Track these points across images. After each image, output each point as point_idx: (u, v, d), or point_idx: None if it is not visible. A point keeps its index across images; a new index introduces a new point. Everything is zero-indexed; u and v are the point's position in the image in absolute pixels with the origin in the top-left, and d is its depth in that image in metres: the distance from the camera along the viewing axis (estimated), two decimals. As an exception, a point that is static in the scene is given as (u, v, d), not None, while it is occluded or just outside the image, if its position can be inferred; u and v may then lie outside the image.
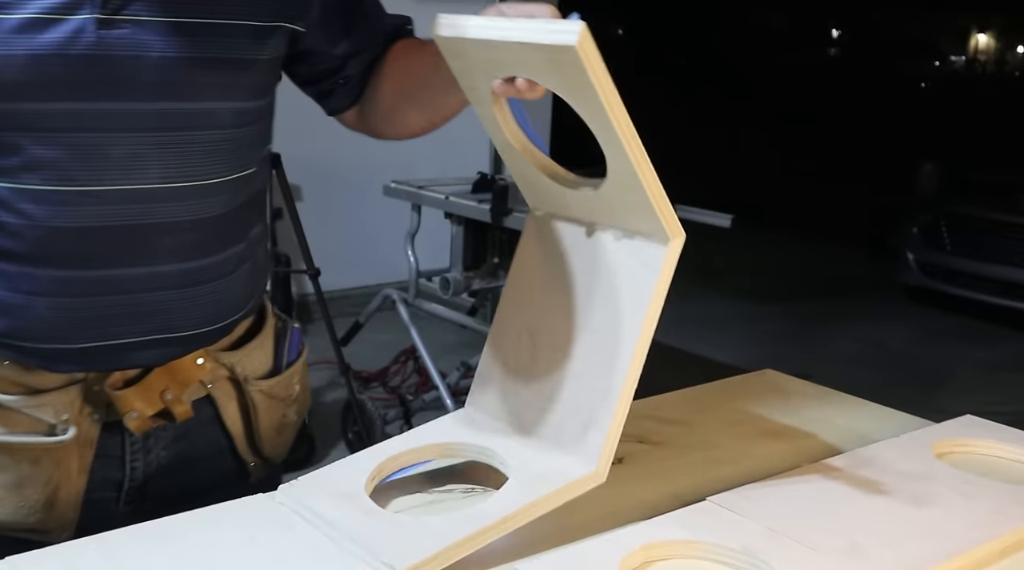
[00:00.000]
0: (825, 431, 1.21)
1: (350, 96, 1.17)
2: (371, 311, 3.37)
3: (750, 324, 5.22)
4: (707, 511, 0.95)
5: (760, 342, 4.87)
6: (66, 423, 1.01)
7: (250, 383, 1.11)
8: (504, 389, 0.99)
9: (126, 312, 1.00)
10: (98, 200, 0.94)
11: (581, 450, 0.90)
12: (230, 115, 1.02)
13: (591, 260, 0.91)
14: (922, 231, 5.64)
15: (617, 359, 0.87)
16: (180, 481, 1.09)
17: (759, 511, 0.95)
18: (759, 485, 1.01)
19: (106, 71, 0.92)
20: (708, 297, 5.57)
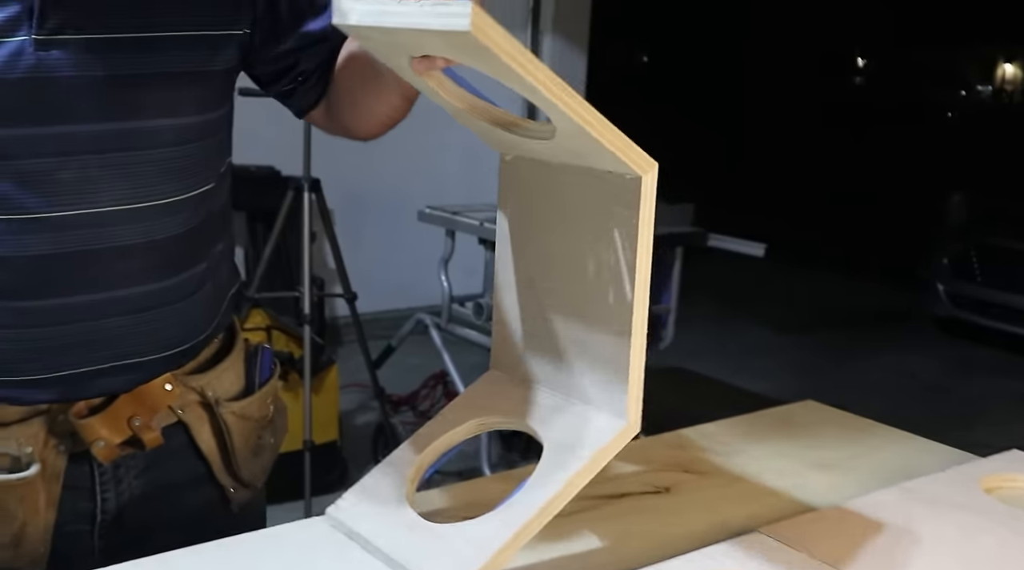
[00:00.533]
0: (870, 463, 1.21)
1: (312, 94, 1.12)
2: (403, 335, 3.38)
3: (780, 354, 5.19)
4: (758, 542, 0.95)
5: (790, 372, 4.85)
6: (30, 456, 0.97)
7: (222, 405, 1.08)
8: (520, 348, 0.95)
9: (84, 340, 0.97)
10: (47, 227, 0.92)
11: (608, 405, 0.86)
12: (179, 131, 0.98)
13: (570, 202, 0.87)
14: (952, 262, 5.61)
15: (621, 306, 0.83)
16: (157, 511, 1.06)
17: (810, 543, 0.95)
18: (809, 517, 1.01)
19: (47, 94, 0.89)
20: (738, 326, 5.55)
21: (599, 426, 0.86)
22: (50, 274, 0.93)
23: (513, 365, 0.96)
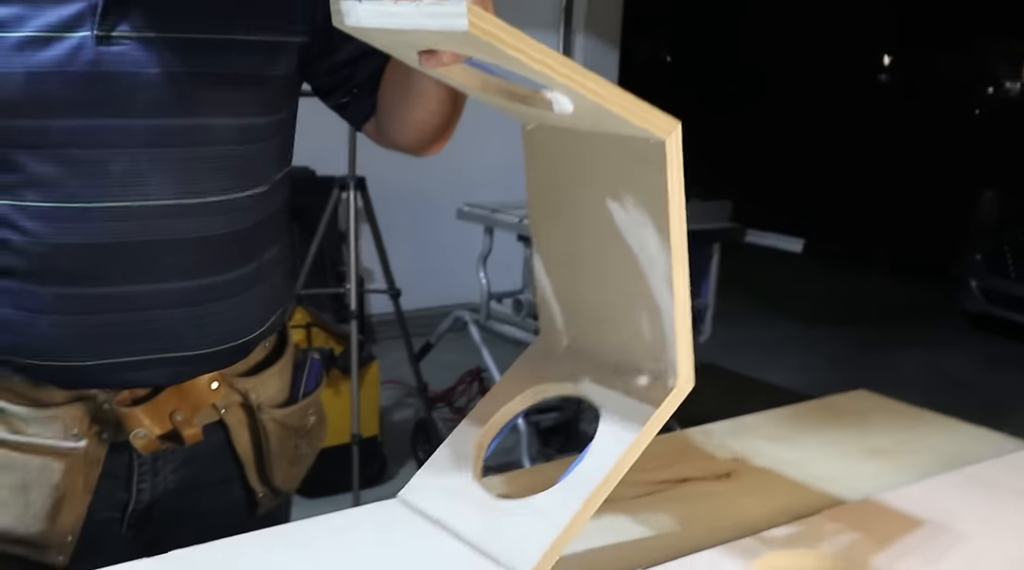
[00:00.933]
0: (924, 450, 1.23)
1: (366, 106, 1.14)
2: (442, 332, 3.42)
3: (813, 349, 5.19)
4: (823, 525, 0.98)
5: (823, 367, 4.85)
6: (76, 437, 0.99)
7: (264, 411, 1.09)
8: (565, 314, 0.96)
9: (130, 330, 0.99)
10: (100, 217, 0.94)
11: (659, 367, 0.86)
12: (235, 131, 1.00)
13: (597, 168, 0.86)
14: (985, 258, 5.59)
15: (660, 269, 0.83)
16: (185, 506, 1.08)
17: (872, 526, 0.97)
18: (872, 501, 1.03)
19: (104, 88, 0.92)
20: (772, 321, 5.56)
21: (653, 388, 0.86)
22: (100, 263, 0.95)
23: (560, 331, 0.97)
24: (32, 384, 0.99)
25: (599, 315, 0.91)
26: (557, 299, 0.96)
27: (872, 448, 1.23)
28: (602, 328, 0.91)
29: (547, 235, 0.95)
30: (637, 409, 0.86)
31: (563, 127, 0.86)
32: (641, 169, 0.79)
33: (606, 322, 0.91)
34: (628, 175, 0.82)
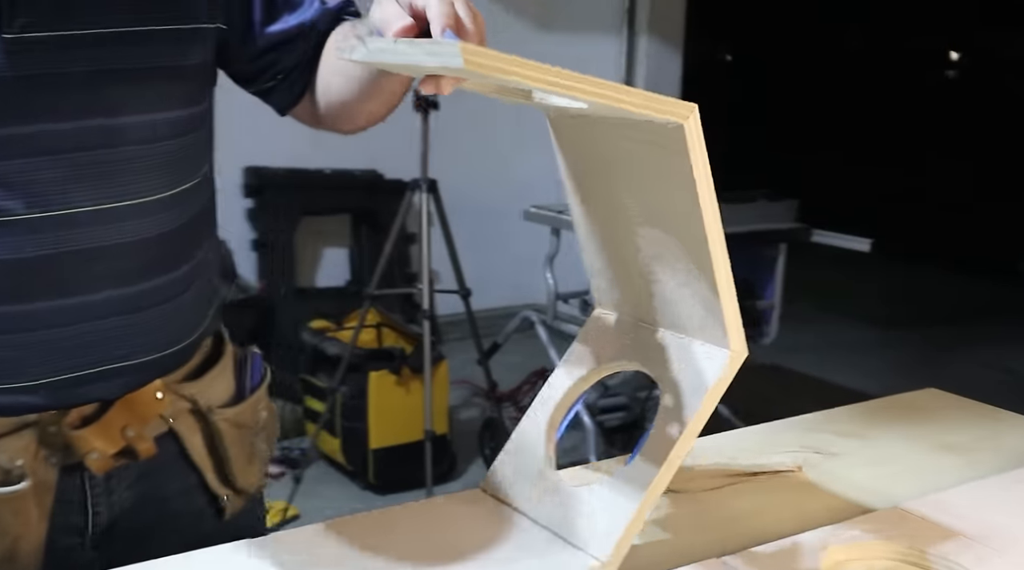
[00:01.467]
0: (998, 446, 1.23)
1: (293, 91, 1.09)
2: (509, 331, 3.46)
3: (879, 351, 5.13)
4: (899, 517, 1.00)
5: (890, 369, 4.80)
6: (21, 469, 0.94)
7: (214, 412, 1.06)
8: (615, 293, 0.98)
9: (71, 344, 0.94)
10: (28, 229, 0.89)
11: (710, 338, 0.89)
12: (157, 128, 0.96)
13: (625, 152, 0.88)
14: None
15: (698, 245, 0.85)
16: (149, 520, 1.04)
17: (950, 519, 0.99)
18: (947, 493, 1.05)
19: (21, 93, 0.87)
20: (836, 323, 5.51)
21: (707, 360, 0.89)
22: (31, 277, 0.91)
23: (614, 308, 0.99)
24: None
25: (651, 290, 0.93)
26: (606, 278, 0.98)
27: (944, 444, 1.24)
28: (655, 303, 0.94)
29: (587, 217, 0.97)
30: (696, 379, 0.88)
31: (585, 114, 0.88)
32: (665, 151, 0.82)
33: (658, 297, 0.93)
34: (655, 157, 0.84)
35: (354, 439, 3.08)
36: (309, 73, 1.08)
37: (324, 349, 3.20)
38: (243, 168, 4.07)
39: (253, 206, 4.12)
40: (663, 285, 0.91)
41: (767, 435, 1.27)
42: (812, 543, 0.94)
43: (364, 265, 4.34)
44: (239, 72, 1.08)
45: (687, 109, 0.79)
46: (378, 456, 3.06)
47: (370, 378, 3.02)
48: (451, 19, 0.80)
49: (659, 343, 0.93)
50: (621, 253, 0.95)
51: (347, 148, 4.16)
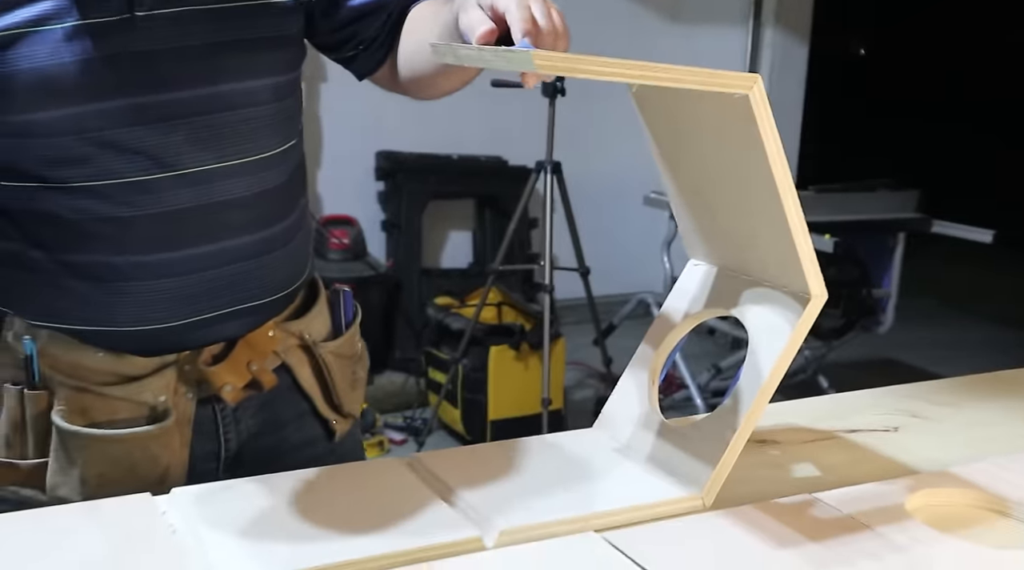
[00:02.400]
0: (1096, 421, 1.28)
1: (373, 60, 1.17)
2: (624, 314, 3.56)
3: (998, 349, 5.01)
4: (984, 471, 1.06)
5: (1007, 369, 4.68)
6: (165, 404, 1.05)
7: (319, 346, 1.16)
8: (706, 246, 1.07)
9: (206, 288, 1.06)
10: (168, 186, 1.00)
11: (793, 284, 0.97)
12: (271, 91, 1.07)
13: (701, 118, 0.96)
14: None
15: (772, 198, 0.93)
16: (270, 446, 1.16)
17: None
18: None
19: (149, 66, 0.97)
20: (958, 319, 5.40)
21: (791, 304, 0.97)
22: (172, 228, 1.02)
23: (705, 259, 1.09)
24: (116, 358, 1.04)
25: (737, 242, 1.02)
26: (697, 232, 1.08)
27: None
28: (742, 254, 1.03)
29: (674, 178, 1.06)
30: (781, 322, 0.97)
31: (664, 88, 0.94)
32: (736, 118, 0.90)
33: (744, 248, 1.02)
34: (728, 123, 0.92)
35: (474, 410, 3.23)
36: (389, 44, 1.16)
37: (448, 324, 3.36)
38: (376, 152, 4.26)
39: (384, 189, 4.31)
40: (746, 237, 1.01)
41: (866, 399, 1.34)
42: (900, 487, 1.02)
43: (486, 247, 4.49)
44: (323, 42, 1.17)
45: (751, 80, 0.88)
46: (496, 427, 3.21)
47: (491, 352, 3.17)
48: (528, 23, 0.87)
49: (746, 290, 1.03)
50: (707, 209, 1.04)
51: (474, 134, 4.32)
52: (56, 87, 0.95)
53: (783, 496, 1.00)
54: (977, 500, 1.01)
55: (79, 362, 1.04)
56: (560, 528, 0.91)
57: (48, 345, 1.04)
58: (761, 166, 0.92)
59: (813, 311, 0.97)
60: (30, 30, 0.94)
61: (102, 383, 1.04)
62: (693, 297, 1.09)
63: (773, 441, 1.17)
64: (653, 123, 1.04)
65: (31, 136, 0.97)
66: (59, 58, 0.94)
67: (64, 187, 0.99)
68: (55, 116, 0.96)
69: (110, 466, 1.03)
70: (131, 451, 1.04)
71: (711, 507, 0.97)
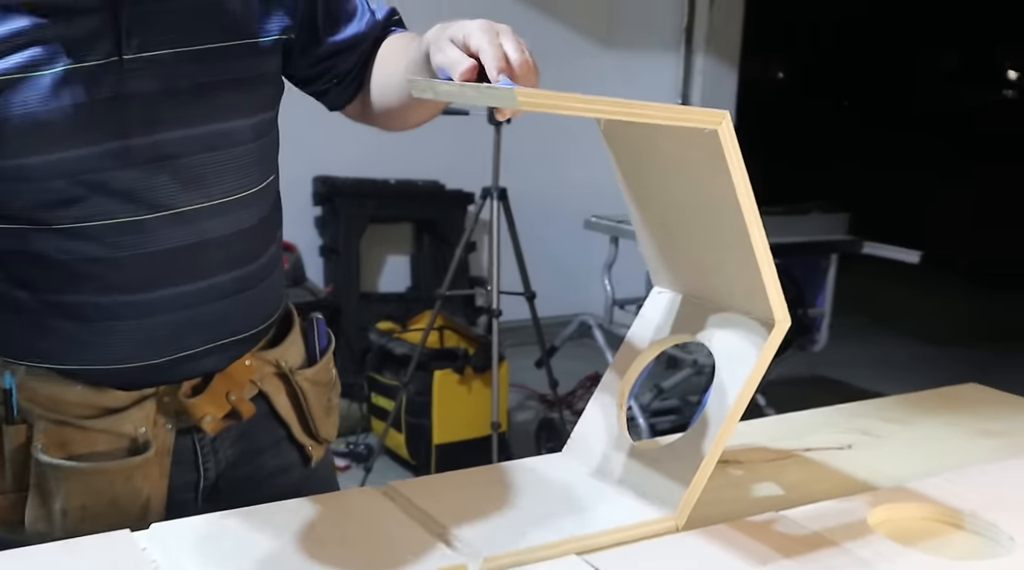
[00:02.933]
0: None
1: (347, 93, 1.21)
2: (567, 335, 3.60)
3: (927, 366, 5.18)
4: (937, 486, 1.11)
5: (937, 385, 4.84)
6: (145, 436, 1.06)
7: (295, 374, 1.19)
8: (670, 273, 1.11)
9: (190, 326, 1.08)
10: (156, 225, 1.02)
11: (757, 311, 1.01)
12: (253, 129, 1.09)
13: (668, 152, 0.99)
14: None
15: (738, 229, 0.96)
16: (247, 474, 1.17)
17: (982, 487, 1.10)
18: (980, 467, 1.17)
19: (141, 107, 0.99)
20: (888, 337, 5.56)
21: (756, 329, 1.01)
22: (158, 268, 1.04)
23: (670, 287, 1.12)
24: (97, 392, 1.05)
25: (703, 270, 1.06)
26: (662, 260, 1.11)
27: (983, 430, 1.35)
28: (707, 281, 1.06)
29: (641, 208, 1.09)
30: (747, 347, 1.01)
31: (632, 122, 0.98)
32: (706, 153, 0.94)
33: (710, 276, 1.05)
34: (695, 156, 0.96)
35: (418, 434, 3.23)
36: (361, 78, 1.20)
37: (391, 349, 3.36)
38: (313, 177, 4.25)
39: (321, 214, 4.30)
40: (712, 264, 1.04)
41: (818, 418, 1.39)
42: (861, 503, 1.06)
43: (424, 271, 4.50)
44: (298, 75, 1.20)
45: (719, 116, 0.91)
46: (441, 451, 3.21)
47: (435, 376, 3.18)
48: (502, 61, 0.90)
49: (711, 316, 1.06)
50: (672, 238, 1.08)
51: (411, 159, 4.33)
52: (49, 132, 0.96)
53: (750, 515, 1.03)
54: (933, 514, 1.06)
55: (58, 396, 1.04)
56: (543, 553, 0.93)
57: (27, 379, 1.04)
58: (728, 197, 0.96)
59: (777, 336, 1.00)
60: (21, 76, 0.95)
61: (82, 416, 1.04)
62: (658, 323, 1.12)
63: (735, 461, 1.21)
64: (621, 156, 1.07)
65: (24, 180, 0.98)
66: (51, 103, 0.96)
67: (54, 229, 1.00)
68: (48, 160, 0.97)
69: (92, 498, 1.03)
70: (113, 482, 1.04)
71: (683, 528, 1.00)
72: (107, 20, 0.98)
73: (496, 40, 0.92)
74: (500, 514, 1.00)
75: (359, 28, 1.18)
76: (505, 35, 0.93)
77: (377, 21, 1.19)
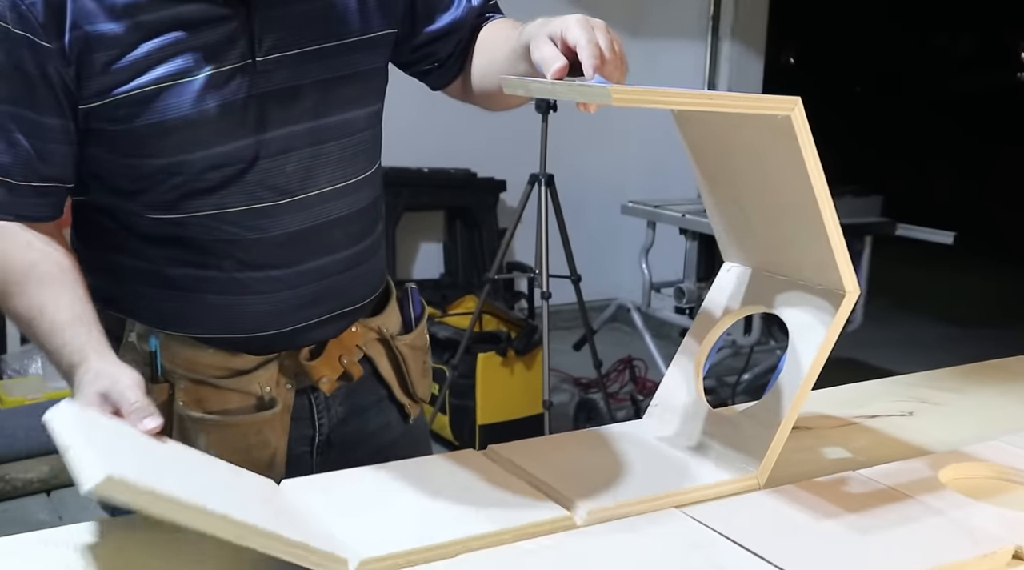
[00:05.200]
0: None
1: (448, 75, 1.28)
2: (604, 318, 3.67)
3: (957, 348, 5.22)
4: (998, 448, 1.18)
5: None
6: (270, 394, 1.16)
7: (395, 340, 1.28)
8: (742, 249, 1.18)
9: (314, 297, 1.17)
10: (285, 210, 1.12)
11: (827, 282, 1.07)
12: (364, 120, 1.18)
13: (742, 137, 1.05)
14: None
15: (810, 206, 1.03)
16: (355, 429, 1.26)
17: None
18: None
19: (272, 104, 1.09)
20: (918, 320, 5.60)
21: (826, 300, 1.07)
22: (291, 246, 1.14)
23: (742, 261, 1.19)
24: (228, 355, 1.15)
25: (773, 245, 1.13)
26: (733, 236, 1.18)
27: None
28: (777, 255, 1.13)
29: (712, 190, 1.16)
30: (818, 317, 1.08)
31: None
32: (779, 136, 1.00)
33: (780, 251, 1.12)
34: (770, 141, 1.03)
35: (462, 415, 3.31)
36: (462, 61, 1.27)
37: (435, 333, 3.43)
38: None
39: (358, 202, 4.37)
40: (783, 240, 1.11)
41: (878, 388, 1.46)
42: (928, 464, 1.13)
43: (457, 258, 4.58)
44: (401, 60, 1.27)
45: (792, 102, 0.98)
46: (484, 431, 3.29)
47: (478, 359, 3.25)
48: (598, 58, 0.96)
49: (781, 288, 1.13)
50: (745, 215, 1.14)
51: (443, 149, 4.41)
52: (199, 131, 1.06)
53: (823, 475, 1.10)
54: (998, 472, 1.13)
55: (194, 358, 1.14)
56: (643, 506, 1.01)
57: (167, 343, 1.13)
58: (799, 177, 1.03)
59: (848, 305, 1.07)
60: (172, 83, 1.05)
61: (215, 376, 1.14)
62: (731, 295, 1.19)
63: (805, 427, 1.28)
64: (693, 141, 1.14)
65: (179, 174, 1.08)
66: (199, 105, 1.05)
67: (202, 214, 1.10)
68: (201, 156, 1.07)
69: (228, 449, 1.12)
70: (247, 435, 1.15)
71: (764, 486, 1.07)
72: (241, 27, 1.07)
73: (593, 36, 0.99)
74: (597, 473, 1.07)
75: (455, 15, 1.24)
76: (600, 31, 1.00)
77: (473, 7, 1.25)
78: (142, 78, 1.04)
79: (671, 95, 0.94)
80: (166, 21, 1.05)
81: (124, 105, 1.04)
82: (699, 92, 0.98)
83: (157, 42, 1.04)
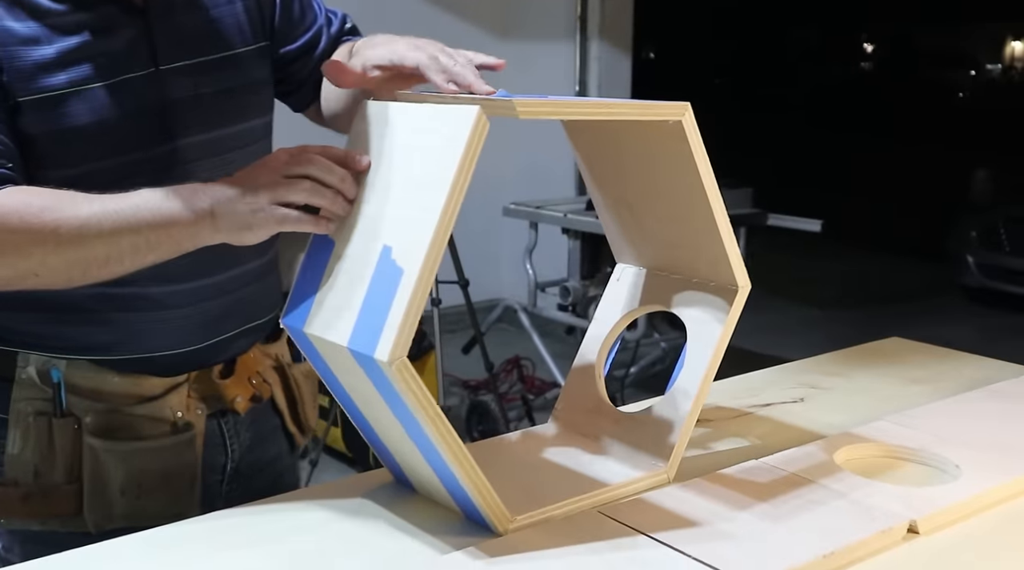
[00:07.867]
0: (957, 377, 1.51)
1: (306, 97, 1.30)
2: (492, 320, 3.69)
3: (821, 329, 5.46)
4: (884, 428, 1.26)
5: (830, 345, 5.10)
6: (183, 419, 1.14)
7: (292, 368, 1.28)
8: (635, 249, 1.21)
9: (226, 311, 1.17)
10: None
11: (721, 279, 1.12)
12: (262, 129, 1.21)
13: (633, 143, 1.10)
14: (981, 234, 5.89)
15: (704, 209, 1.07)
16: (255, 457, 1.25)
17: (923, 426, 1.25)
18: (920, 409, 1.32)
19: (171, 115, 1.09)
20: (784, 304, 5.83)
21: (720, 296, 1.12)
22: (199, 258, 1.07)
23: (633, 260, 1.23)
24: (131, 380, 1.11)
25: (667, 244, 1.17)
26: (625, 238, 1.22)
27: (912, 378, 1.51)
28: (671, 254, 1.17)
29: (604, 193, 1.20)
30: (714, 313, 1.13)
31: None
32: (669, 140, 1.05)
33: (673, 249, 1.17)
34: (660, 144, 1.07)
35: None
36: (315, 87, 1.28)
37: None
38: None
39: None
40: (675, 239, 1.15)
41: (768, 377, 1.53)
42: (823, 447, 1.19)
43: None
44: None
45: (683, 107, 1.03)
46: (378, 442, 3.26)
47: (368, 369, 3.22)
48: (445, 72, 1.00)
49: (676, 287, 1.17)
50: (636, 217, 1.18)
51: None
52: (105, 140, 1.04)
53: (728, 465, 1.15)
54: (887, 451, 1.20)
55: (100, 387, 1.10)
56: (561, 510, 1.03)
57: (69, 374, 1.09)
58: (691, 178, 1.07)
59: (741, 300, 1.13)
60: (75, 90, 1.02)
61: (123, 404, 1.11)
62: (627, 296, 1.23)
63: (704, 419, 1.33)
64: (583, 146, 1.18)
65: (89, 186, 1.03)
66: (104, 114, 1.04)
67: None
68: (107, 166, 1.05)
69: (146, 475, 1.10)
70: (165, 458, 1.12)
71: (673, 481, 1.11)
72: (142, 34, 1.07)
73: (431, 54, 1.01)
74: (511, 481, 1.09)
75: (310, 37, 1.26)
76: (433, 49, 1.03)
77: (331, 33, 1.27)
78: (47, 81, 1.02)
79: (573, 106, 0.98)
80: (70, 26, 1.03)
81: (29, 109, 1.02)
82: (598, 101, 1.01)
83: (58, 47, 1.02)
